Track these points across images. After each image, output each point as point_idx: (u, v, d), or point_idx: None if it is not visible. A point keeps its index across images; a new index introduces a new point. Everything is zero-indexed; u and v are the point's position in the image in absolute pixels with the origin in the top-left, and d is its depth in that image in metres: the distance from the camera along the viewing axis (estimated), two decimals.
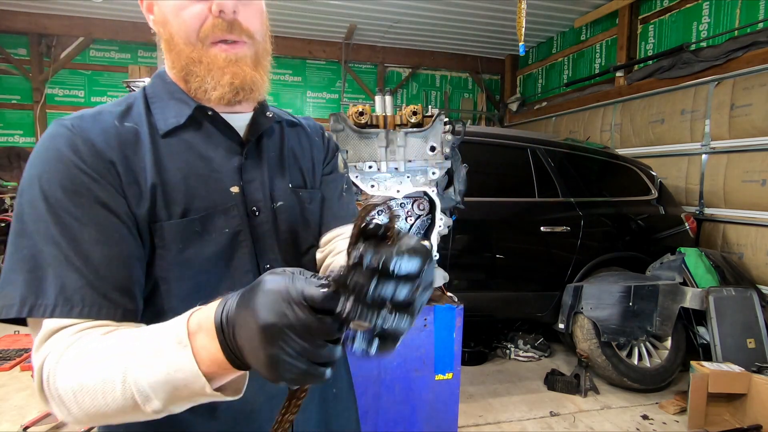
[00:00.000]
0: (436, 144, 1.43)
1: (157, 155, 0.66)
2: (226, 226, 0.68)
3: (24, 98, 6.23)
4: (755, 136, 3.61)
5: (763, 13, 3.73)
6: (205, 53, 0.66)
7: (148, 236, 0.64)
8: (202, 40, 0.66)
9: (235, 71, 0.67)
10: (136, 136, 0.66)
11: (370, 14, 5.76)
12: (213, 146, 0.71)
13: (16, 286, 0.56)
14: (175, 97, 0.71)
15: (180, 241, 0.65)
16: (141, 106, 0.70)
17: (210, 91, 0.67)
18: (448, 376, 1.57)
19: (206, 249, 0.67)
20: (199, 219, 0.66)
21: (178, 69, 0.69)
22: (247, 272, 0.70)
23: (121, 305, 0.59)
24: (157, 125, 0.68)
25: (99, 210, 0.60)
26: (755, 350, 2.96)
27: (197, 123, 0.71)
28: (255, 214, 0.72)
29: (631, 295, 3.06)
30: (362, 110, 1.40)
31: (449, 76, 7.66)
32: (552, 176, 3.36)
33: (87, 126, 0.64)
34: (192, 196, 0.67)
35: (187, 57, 0.67)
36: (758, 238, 3.60)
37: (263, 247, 0.73)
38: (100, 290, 0.57)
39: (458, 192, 1.53)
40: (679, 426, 2.70)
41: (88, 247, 0.58)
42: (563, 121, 6.03)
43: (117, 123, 0.66)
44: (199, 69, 0.67)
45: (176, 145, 0.68)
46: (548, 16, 5.74)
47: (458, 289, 3.04)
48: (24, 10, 5.79)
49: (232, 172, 0.71)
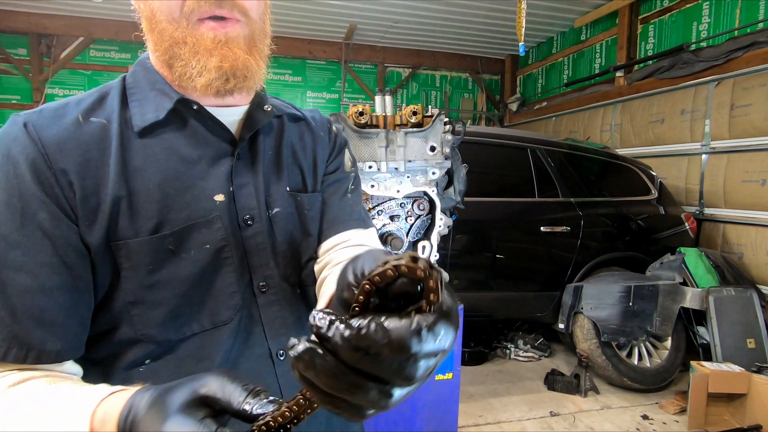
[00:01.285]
0: (436, 144, 1.43)
1: (126, 158, 0.56)
2: (207, 241, 0.58)
3: (24, 98, 6.23)
4: (755, 136, 3.61)
5: (763, 13, 3.73)
6: (191, 32, 0.55)
7: (108, 257, 0.54)
8: (187, 16, 0.55)
9: (225, 53, 0.56)
10: (104, 134, 0.56)
11: (370, 14, 5.76)
12: (198, 147, 0.60)
13: None
14: (156, 87, 0.60)
15: (150, 262, 0.55)
16: (116, 98, 0.59)
17: (195, 77, 0.56)
18: (448, 376, 1.57)
19: (182, 269, 0.57)
20: (173, 234, 0.56)
21: (161, 52, 0.58)
22: (233, 294, 0.60)
23: (36, 346, 0.49)
24: (132, 121, 0.58)
25: (34, 232, 0.50)
26: (755, 350, 2.96)
27: (180, 119, 0.60)
28: (247, 224, 0.62)
29: (631, 295, 3.06)
30: (362, 110, 1.40)
31: (449, 76, 7.66)
32: (552, 176, 3.36)
33: (44, 124, 0.54)
34: (168, 208, 0.56)
35: (170, 37, 0.56)
36: (758, 238, 3.60)
37: (257, 263, 0.62)
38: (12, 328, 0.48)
39: (458, 192, 1.53)
40: (679, 426, 2.70)
41: (7, 273, 0.49)
42: (563, 121, 6.03)
43: (81, 119, 0.56)
44: (183, 51, 0.56)
45: (153, 146, 0.58)
46: (548, 16, 5.74)
47: (458, 289, 3.04)
48: (24, 10, 5.79)
49: (220, 177, 0.61)
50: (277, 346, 0.64)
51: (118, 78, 0.63)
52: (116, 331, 0.56)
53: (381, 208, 1.47)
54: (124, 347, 0.56)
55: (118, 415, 0.39)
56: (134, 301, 0.55)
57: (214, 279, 0.59)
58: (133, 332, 0.56)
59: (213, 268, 0.59)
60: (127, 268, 0.55)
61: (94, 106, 0.58)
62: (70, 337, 0.52)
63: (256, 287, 0.62)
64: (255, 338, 0.63)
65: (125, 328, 0.56)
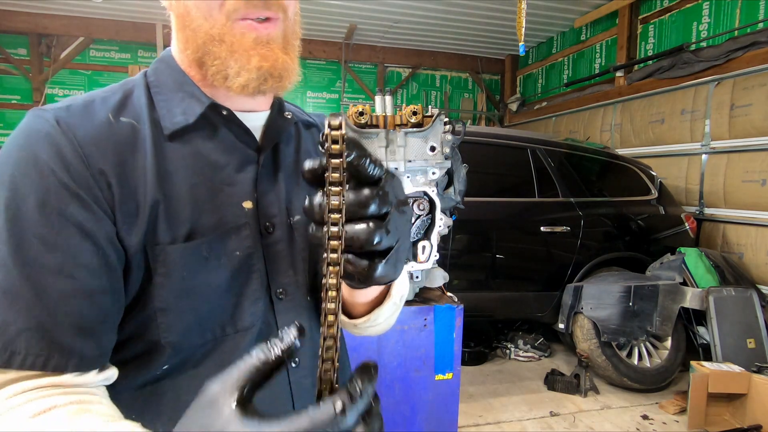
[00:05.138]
0: (436, 144, 1.43)
1: (161, 162, 0.54)
2: (238, 248, 0.57)
3: (24, 98, 6.22)
4: (755, 136, 3.61)
5: (763, 13, 3.73)
6: (229, 30, 0.53)
7: (142, 262, 0.52)
8: (227, 14, 0.53)
9: (265, 53, 0.54)
10: (135, 135, 0.54)
11: (370, 14, 5.75)
12: (225, 152, 0.59)
13: None
14: (184, 89, 0.58)
15: (185, 268, 0.53)
16: (142, 97, 0.58)
17: (233, 77, 0.54)
18: (448, 376, 1.57)
19: (214, 276, 0.55)
20: (208, 242, 0.55)
21: (192, 49, 0.56)
22: (257, 300, 0.59)
23: (77, 353, 0.47)
24: (162, 123, 0.56)
25: (73, 234, 0.48)
26: (755, 350, 2.96)
27: (209, 123, 0.59)
28: (268, 232, 0.61)
29: (631, 295, 3.06)
30: (362, 110, 1.40)
31: (449, 76, 7.65)
32: (552, 176, 3.36)
33: (75, 122, 0.52)
34: (199, 213, 0.55)
35: (205, 34, 0.54)
36: (758, 238, 3.60)
37: (276, 270, 0.61)
38: (52, 334, 0.46)
39: (458, 192, 1.53)
40: (679, 426, 2.70)
41: (46, 278, 0.46)
42: (563, 121, 6.03)
43: (112, 118, 0.54)
44: (220, 49, 0.54)
45: (182, 150, 0.56)
46: (548, 16, 5.74)
47: (458, 289, 3.04)
48: (24, 10, 5.79)
49: (246, 184, 0.59)
50: None
51: (138, 75, 0.62)
52: (138, 339, 0.54)
53: None
54: (143, 354, 0.54)
55: None
56: (164, 308, 0.53)
57: (242, 285, 0.58)
58: (156, 339, 0.54)
59: (242, 274, 0.58)
60: (161, 274, 0.52)
61: (121, 104, 0.56)
62: (105, 342, 0.50)
63: (274, 294, 0.61)
64: None
65: (149, 335, 0.54)
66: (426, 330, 1.54)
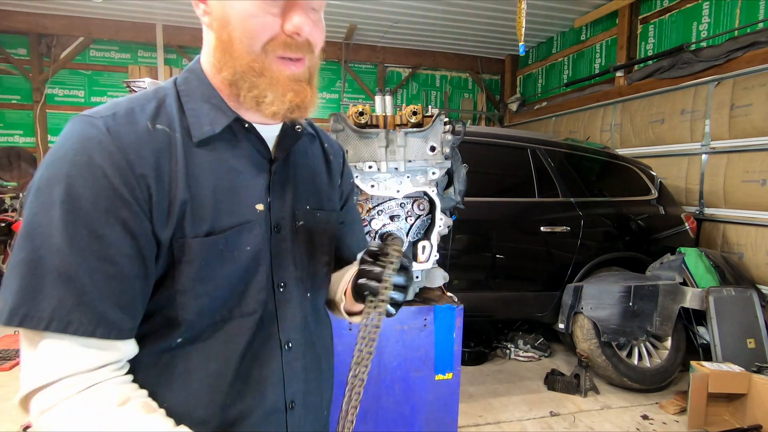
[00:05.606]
0: (436, 144, 1.43)
1: (190, 166, 0.63)
2: (248, 244, 0.67)
3: (24, 98, 6.23)
4: (755, 136, 3.61)
5: (763, 13, 3.73)
6: (269, 66, 0.63)
7: (169, 251, 0.62)
8: (266, 51, 0.63)
9: (298, 90, 0.65)
10: (169, 141, 0.63)
11: (370, 14, 5.76)
12: (243, 159, 0.69)
13: (10, 291, 0.54)
14: (211, 101, 0.67)
15: (203, 258, 0.63)
16: (173, 105, 0.66)
17: (267, 104, 0.64)
18: (448, 376, 1.57)
19: (227, 267, 0.65)
20: (224, 237, 0.65)
21: (229, 73, 0.64)
22: (261, 290, 0.69)
23: (118, 326, 0.57)
24: (192, 131, 0.65)
25: (118, 230, 0.57)
26: (755, 350, 2.96)
27: (232, 133, 0.68)
28: (277, 231, 0.72)
29: (631, 295, 3.06)
30: (362, 110, 1.40)
31: (449, 76, 7.66)
32: (552, 176, 3.36)
33: (121, 130, 0.60)
34: (219, 212, 0.65)
35: (247, 65, 0.63)
36: (758, 238, 3.60)
37: (280, 265, 0.72)
38: (99, 309, 0.56)
39: (458, 192, 1.53)
40: (679, 426, 2.71)
41: (95, 264, 0.56)
42: (563, 121, 6.03)
43: (150, 126, 0.63)
44: (259, 81, 0.63)
45: (208, 156, 0.65)
46: (548, 16, 5.74)
47: (458, 289, 3.04)
48: (24, 10, 5.79)
49: (259, 189, 0.70)
50: (285, 338, 0.73)
51: (169, 82, 0.70)
52: (159, 314, 0.64)
53: (381, 208, 1.47)
54: (162, 327, 0.64)
55: None
56: (184, 290, 0.63)
57: (250, 276, 0.68)
58: (174, 316, 0.63)
59: (250, 266, 0.68)
60: (184, 262, 0.62)
61: (157, 112, 0.65)
62: (137, 318, 0.61)
63: (276, 285, 0.72)
64: (270, 329, 0.72)
65: (169, 312, 0.63)
66: (426, 330, 1.54)
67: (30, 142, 6.29)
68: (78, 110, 6.47)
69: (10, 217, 4.99)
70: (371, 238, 1.46)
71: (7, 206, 5.23)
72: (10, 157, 6.14)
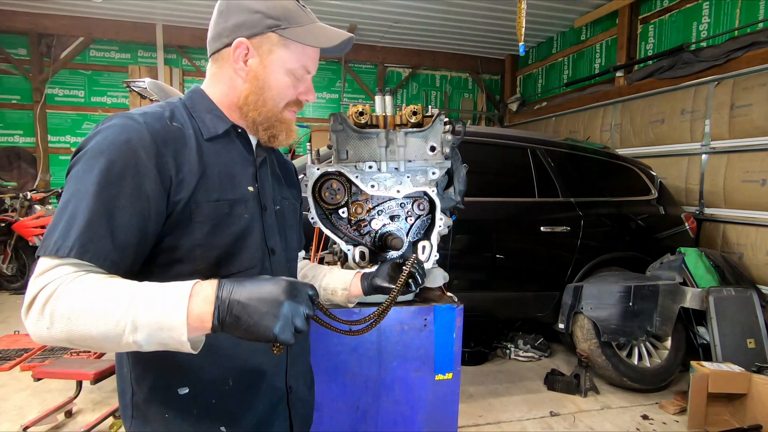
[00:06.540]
0: (436, 144, 1.43)
1: (201, 153, 0.86)
2: (246, 213, 0.89)
3: (24, 98, 6.23)
4: (755, 136, 3.61)
5: (763, 13, 3.74)
6: (283, 116, 0.94)
7: (187, 213, 0.81)
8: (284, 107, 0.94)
9: (293, 131, 0.97)
10: (183, 134, 0.85)
11: (370, 14, 5.76)
12: (236, 154, 0.93)
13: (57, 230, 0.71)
14: (214, 113, 0.92)
15: (213, 218, 0.84)
16: (184, 114, 0.90)
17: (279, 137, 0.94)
18: (448, 376, 1.57)
19: (231, 227, 0.87)
20: (228, 204, 0.86)
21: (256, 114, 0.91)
22: (258, 250, 0.91)
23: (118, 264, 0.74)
24: (201, 130, 0.89)
25: (140, 195, 0.75)
26: (755, 350, 2.97)
27: (228, 135, 0.93)
28: (264, 210, 0.95)
29: (631, 295, 3.06)
30: (362, 110, 1.40)
31: (449, 76, 7.66)
32: (552, 176, 3.36)
33: (152, 122, 0.81)
34: (223, 188, 0.87)
35: (270, 112, 0.91)
36: (758, 238, 3.61)
37: (270, 235, 0.95)
38: (111, 247, 0.73)
39: (458, 192, 1.53)
40: (679, 426, 2.71)
41: (115, 214, 0.74)
42: (563, 121, 6.03)
43: (168, 123, 0.85)
44: (277, 125, 0.93)
45: (213, 148, 0.89)
46: (548, 16, 5.74)
47: (458, 289, 3.03)
48: (24, 10, 5.79)
49: (248, 176, 0.93)
50: None
51: (175, 99, 0.93)
52: (179, 264, 0.83)
53: (381, 208, 1.46)
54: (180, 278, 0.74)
55: (214, 287, 0.67)
56: (200, 243, 0.83)
57: (247, 237, 0.90)
58: (192, 267, 0.83)
59: (247, 229, 0.90)
60: (199, 221, 0.83)
61: (172, 116, 0.87)
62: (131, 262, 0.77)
63: (269, 250, 0.95)
64: None
65: (187, 263, 0.83)
66: (426, 330, 1.54)
67: (30, 142, 6.29)
68: (78, 110, 6.51)
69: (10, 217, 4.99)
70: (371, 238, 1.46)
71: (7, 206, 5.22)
72: (10, 157, 6.14)
